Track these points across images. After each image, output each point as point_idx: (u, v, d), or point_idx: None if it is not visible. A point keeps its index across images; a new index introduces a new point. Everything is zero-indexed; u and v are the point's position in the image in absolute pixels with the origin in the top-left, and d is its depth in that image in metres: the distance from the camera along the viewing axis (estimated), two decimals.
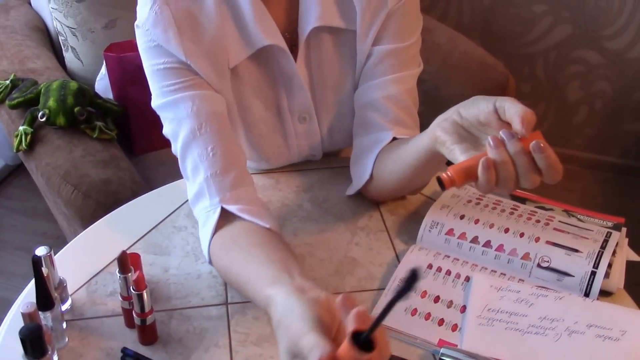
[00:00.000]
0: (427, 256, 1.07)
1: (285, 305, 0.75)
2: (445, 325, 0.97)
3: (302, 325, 0.69)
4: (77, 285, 1.02)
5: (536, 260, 1.04)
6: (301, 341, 0.68)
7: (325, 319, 0.71)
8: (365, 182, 1.12)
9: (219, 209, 0.98)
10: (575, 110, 2.58)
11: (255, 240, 0.95)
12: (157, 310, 0.98)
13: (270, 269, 0.86)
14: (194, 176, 1.01)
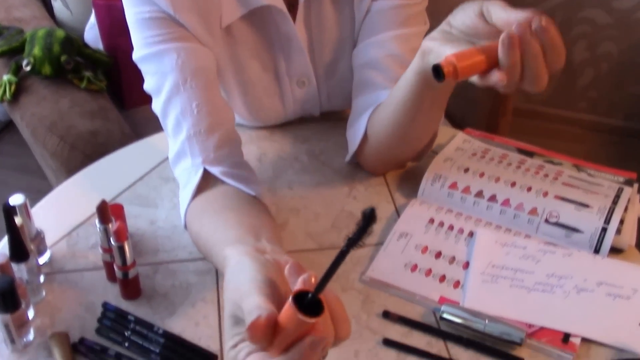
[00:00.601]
0: (429, 210, 1.00)
1: (238, 266, 0.65)
2: (446, 281, 0.91)
3: (249, 287, 0.60)
4: (57, 237, 0.95)
5: (544, 215, 0.97)
6: (243, 303, 0.58)
7: (280, 285, 0.61)
8: (359, 141, 1.04)
9: (201, 170, 0.90)
10: (581, 73, 2.50)
11: (232, 204, 0.86)
12: (141, 264, 0.91)
13: (236, 231, 0.78)
14: (175, 134, 0.92)
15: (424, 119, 0.97)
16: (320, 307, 0.54)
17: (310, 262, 0.93)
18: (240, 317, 0.58)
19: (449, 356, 0.83)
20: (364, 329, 0.85)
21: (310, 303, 0.54)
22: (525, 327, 0.85)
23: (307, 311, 0.53)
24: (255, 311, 0.55)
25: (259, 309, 0.56)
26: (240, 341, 0.58)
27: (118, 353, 0.81)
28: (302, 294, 0.54)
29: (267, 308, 0.56)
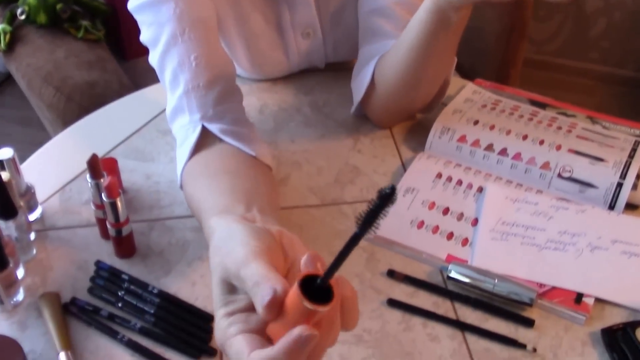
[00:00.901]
0: (437, 164, 0.95)
1: (226, 232, 0.60)
2: (454, 239, 0.86)
3: (244, 252, 0.54)
4: (49, 193, 0.91)
5: (557, 169, 0.92)
6: (243, 271, 0.52)
7: (275, 253, 0.56)
8: (365, 89, 0.98)
9: (199, 127, 0.84)
10: (593, 22, 2.42)
11: (229, 167, 0.80)
12: (136, 221, 0.87)
13: (226, 198, 0.72)
14: (172, 88, 0.86)
15: (435, 63, 0.92)
16: (330, 294, 0.48)
17: (312, 218, 0.89)
18: (235, 284, 0.54)
19: (456, 317, 0.79)
20: (368, 288, 0.81)
21: (318, 289, 0.48)
22: (536, 286, 0.80)
23: (315, 297, 0.48)
24: (264, 282, 0.50)
25: (267, 279, 0.50)
26: (237, 311, 0.53)
27: (111, 314, 0.77)
28: (309, 278, 0.48)
29: (278, 279, 0.50)
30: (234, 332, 0.52)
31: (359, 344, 0.76)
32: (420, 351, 0.75)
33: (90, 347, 0.75)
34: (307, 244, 0.86)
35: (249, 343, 0.51)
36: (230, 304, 0.54)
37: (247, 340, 0.51)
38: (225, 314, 0.53)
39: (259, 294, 0.50)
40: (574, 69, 2.52)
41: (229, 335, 0.52)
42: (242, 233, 0.57)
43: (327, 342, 0.52)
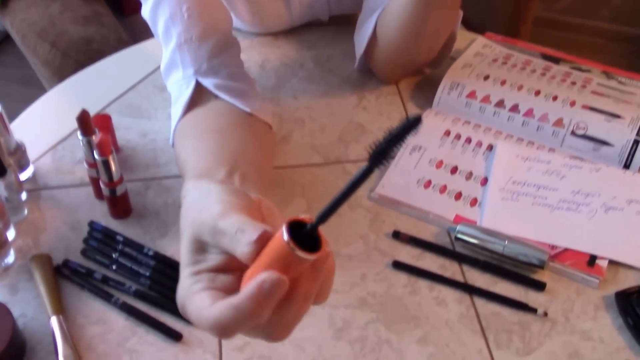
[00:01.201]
0: (445, 122, 0.90)
1: (200, 192, 0.56)
2: (463, 199, 0.82)
3: (222, 206, 0.51)
4: (41, 151, 0.87)
5: (570, 126, 0.87)
6: (222, 222, 0.48)
7: (254, 214, 0.52)
8: (367, 42, 0.93)
9: (193, 82, 0.78)
10: None
11: (219, 125, 0.75)
12: (132, 180, 0.83)
13: (209, 161, 0.67)
14: (165, 42, 0.81)
15: (436, 15, 0.87)
16: (318, 243, 0.43)
17: (314, 177, 0.84)
18: (208, 241, 0.49)
19: (464, 280, 0.75)
20: (373, 250, 0.77)
21: (305, 237, 0.43)
22: (547, 248, 0.76)
23: (302, 244, 0.42)
24: (249, 226, 0.46)
25: (252, 224, 0.46)
26: (204, 270, 0.49)
27: (105, 276, 0.73)
28: (295, 225, 0.43)
29: (260, 224, 0.46)
30: (198, 289, 0.48)
31: (362, 307, 0.72)
32: (427, 315, 0.72)
33: (83, 311, 0.71)
34: (310, 204, 0.83)
35: (212, 297, 0.47)
36: (198, 263, 0.50)
37: (210, 295, 0.47)
38: (191, 272, 0.49)
39: (246, 235, 0.45)
40: (583, 27, 2.45)
41: (192, 292, 0.48)
42: (218, 192, 0.53)
43: (305, 303, 0.47)
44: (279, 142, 0.88)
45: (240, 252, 0.46)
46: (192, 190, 0.57)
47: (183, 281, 0.49)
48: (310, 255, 0.42)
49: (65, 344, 0.67)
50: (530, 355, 0.69)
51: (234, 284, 0.48)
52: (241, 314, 0.44)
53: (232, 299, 0.44)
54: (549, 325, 0.71)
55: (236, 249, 0.46)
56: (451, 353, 0.69)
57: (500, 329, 0.71)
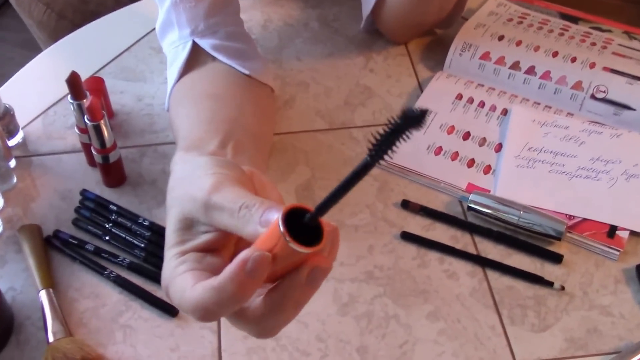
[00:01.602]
0: (457, 85, 0.86)
1: (189, 165, 0.52)
2: (475, 166, 0.78)
3: (214, 178, 0.46)
4: (32, 116, 0.82)
5: (590, 90, 0.82)
6: (216, 196, 0.44)
7: (247, 186, 0.48)
8: (375, 0, 0.88)
9: (189, 43, 0.73)
10: None
11: (215, 90, 0.70)
12: (126, 146, 0.79)
13: (202, 130, 0.62)
14: (160, 0, 0.76)
15: None
16: (319, 234, 0.39)
17: (319, 143, 0.80)
18: (197, 219, 0.45)
19: (476, 252, 0.71)
20: (380, 221, 0.73)
21: (304, 226, 0.39)
22: (565, 219, 0.72)
23: (299, 236, 0.39)
24: (254, 202, 0.42)
25: (258, 200, 0.42)
26: (190, 250, 0.45)
27: (97, 248, 0.70)
28: (294, 212, 0.39)
29: (267, 201, 0.43)
30: (183, 270, 0.44)
31: (369, 281, 0.68)
32: (437, 289, 0.68)
33: (74, 284, 0.68)
34: (314, 172, 0.79)
35: (195, 277, 0.43)
36: (185, 243, 0.46)
37: (193, 276, 0.43)
38: (177, 253, 0.46)
39: (256, 213, 0.42)
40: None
41: (176, 273, 0.44)
42: (207, 163, 0.49)
43: (295, 310, 0.43)
44: (281, 107, 0.84)
45: (253, 230, 0.42)
46: (180, 163, 0.53)
47: (168, 262, 0.46)
48: (305, 249, 0.39)
49: (55, 319, 0.64)
50: (546, 332, 0.65)
51: (221, 265, 0.44)
52: (223, 295, 0.40)
53: (212, 280, 0.41)
54: (566, 300, 0.67)
55: (244, 227, 0.42)
56: (462, 329, 0.65)
57: (514, 304, 0.67)
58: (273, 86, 0.75)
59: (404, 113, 0.32)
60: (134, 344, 0.64)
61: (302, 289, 0.42)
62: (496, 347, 0.64)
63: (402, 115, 0.32)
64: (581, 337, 0.65)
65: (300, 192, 0.75)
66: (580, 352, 0.64)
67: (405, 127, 0.33)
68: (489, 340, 0.65)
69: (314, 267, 0.41)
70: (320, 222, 0.39)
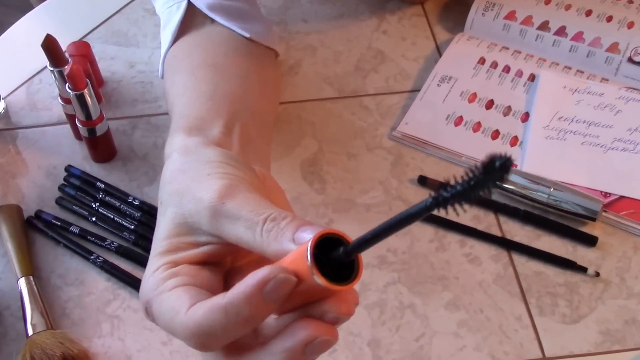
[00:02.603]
0: (479, 47, 0.78)
1: (192, 156, 0.45)
2: (500, 138, 0.71)
3: (222, 183, 0.39)
4: (14, 85, 0.76)
5: (627, 52, 0.75)
6: (230, 203, 0.37)
7: (259, 192, 0.41)
8: None
9: (184, 3, 0.66)
10: None
11: (215, 57, 0.62)
12: (116, 118, 0.73)
13: (203, 107, 0.54)
14: None
15: None
16: (354, 271, 0.33)
17: (327, 113, 0.73)
18: (200, 226, 0.39)
19: (501, 233, 0.65)
20: (395, 199, 0.67)
21: (337, 260, 0.33)
22: (600, 196, 0.65)
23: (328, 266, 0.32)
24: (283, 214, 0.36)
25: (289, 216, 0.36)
26: (185, 261, 0.39)
27: (83, 230, 0.64)
28: (326, 240, 0.33)
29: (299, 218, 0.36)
30: (173, 284, 0.37)
31: (382, 266, 0.62)
32: (457, 275, 0.62)
33: (57, 271, 0.62)
34: (321, 145, 0.72)
35: (191, 296, 0.36)
36: (178, 252, 0.39)
37: (188, 293, 0.36)
38: (167, 262, 0.39)
39: (288, 229, 0.35)
40: None
41: (164, 288, 0.37)
42: (218, 158, 0.42)
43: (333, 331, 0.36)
44: (285, 73, 0.77)
45: (281, 248, 0.35)
46: (180, 151, 0.46)
47: (153, 273, 0.39)
48: (333, 286, 0.32)
49: (35, 309, 0.58)
50: (579, 323, 0.59)
51: (218, 283, 0.38)
52: (233, 319, 0.33)
53: (218, 299, 0.34)
54: (601, 288, 0.61)
55: (270, 244, 0.35)
56: (485, 320, 0.59)
57: (543, 292, 0.61)
58: (277, 50, 0.68)
59: (488, 164, 0.26)
60: (122, 337, 0.59)
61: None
62: (523, 341, 0.58)
63: (483, 166, 0.26)
64: (618, 329, 0.59)
65: (307, 167, 0.69)
66: (617, 346, 0.58)
67: (487, 181, 0.26)
68: (515, 332, 0.58)
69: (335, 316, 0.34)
70: (358, 260, 0.33)
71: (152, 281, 0.38)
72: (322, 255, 0.32)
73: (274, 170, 0.55)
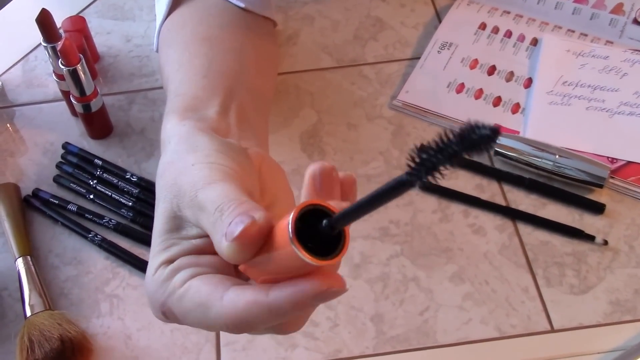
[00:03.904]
0: (479, 12, 0.73)
1: (184, 144, 0.40)
2: (503, 105, 0.66)
3: (207, 170, 0.36)
4: (10, 62, 0.71)
5: (632, 13, 0.69)
6: (202, 193, 0.34)
7: (249, 180, 0.37)
8: None
9: None
10: None
11: (209, 29, 0.57)
12: (113, 93, 0.68)
13: (197, 86, 0.49)
14: None
15: None
16: (340, 244, 0.28)
17: (326, 83, 0.68)
18: (186, 217, 0.35)
19: (505, 203, 0.60)
20: (395, 169, 0.62)
21: (323, 233, 0.28)
22: (606, 162, 0.60)
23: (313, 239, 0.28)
24: (233, 206, 0.31)
25: (239, 202, 0.31)
26: (180, 254, 0.35)
27: (80, 208, 0.59)
28: (310, 211, 0.28)
29: (255, 206, 0.31)
30: (182, 278, 0.33)
31: (384, 238, 0.58)
32: (461, 246, 0.57)
33: (56, 249, 0.58)
34: (320, 116, 0.67)
35: (216, 284, 0.32)
36: (171, 248, 0.35)
37: (210, 281, 0.32)
38: (163, 261, 0.34)
39: (224, 222, 0.31)
40: None
41: (173, 288, 0.33)
42: (207, 146, 0.38)
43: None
44: (283, 44, 0.72)
45: (219, 244, 0.31)
46: (175, 137, 0.41)
47: (156, 276, 0.35)
48: (318, 262, 0.28)
49: (33, 290, 0.54)
50: (588, 294, 0.54)
51: (223, 264, 0.34)
52: (275, 316, 0.30)
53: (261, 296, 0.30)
54: (609, 256, 0.56)
55: (213, 236, 0.32)
56: (491, 292, 0.55)
57: (550, 262, 0.56)
58: (275, 19, 0.63)
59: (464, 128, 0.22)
60: (122, 316, 0.54)
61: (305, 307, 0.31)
62: (530, 313, 0.53)
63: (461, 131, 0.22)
64: (628, 298, 0.54)
65: (306, 139, 0.64)
66: (628, 316, 0.53)
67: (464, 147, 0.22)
68: (522, 304, 0.54)
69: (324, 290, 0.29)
70: (345, 232, 0.29)
71: (157, 284, 0.34)
72: (309, 228, 0.28)
73: (273, 142, 0.50)
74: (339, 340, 0.53)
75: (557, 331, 0.53)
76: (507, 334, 0.53)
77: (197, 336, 0.53)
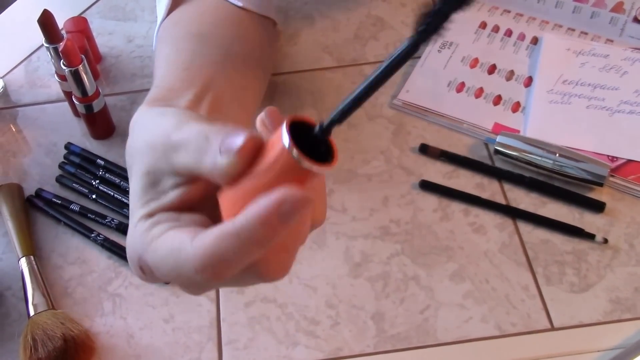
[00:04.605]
0: (480, 11, 0.73)
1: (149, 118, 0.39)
2: (503, 104, 0.65)
3: (175, 120, 0.36)
4: (13, 63, 0.71)
5: (632, 12, 0.69)
6: (176, 133, 0.33)
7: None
8: None
9: None
10: None
11: (201, 26, 0.57)
12: (115, 93, 0.68)
13: (177, 77, 0.49)
14: None
15: None
16: (330, 152, 0.29)
17: (327, 82, 0.68)
18: (161, 168, 0.34)
19: (505, 201, 0.60)
20: (396, 168, 0.62)
21: (310, 145, 0.28)
22: (607, 161, 0.60)
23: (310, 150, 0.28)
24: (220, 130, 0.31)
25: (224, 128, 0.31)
26: (160, 209, 0.34)
27: (83, 208, 0.59)
28: (298, 125, 0.29)
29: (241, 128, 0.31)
30: (161, 230, 0.33)
31: (384, 237, 0.58)
32: (461, 245, 0.57)
33: (59, 249, 0.58)
34: (322, 115, 0.67)
35: (189, 231, 0.31)
36: (150, 202, 0.35)
37: (183, 231, 0.32)
38: (143, 215, 0.34)
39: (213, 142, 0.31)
40: None
41: (151, 238, 0.33)
42: (174, 112, 0.37)
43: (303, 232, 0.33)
44: (284, 43, 0.72)
45: (213, 163, 0.31)
46: (141, 118, 0.40)
47: (134, 229, 0.34)
48: (321, 168, 0.28)
49: (36, 289, 0.54)
50: (588, 292, 0.54)
51: (205, 222, 0.33)
52: (246, 243, 0.29)
53: (227, 226, 0.29)
54: (609, 255, 0.56)
55: (201, 160, 0.31)
56: (491, 290, 0.55)
57: (550, 261, 0.56)
58: (276, 19, 0.63)
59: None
60: (124, 315, 0.54)
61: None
62: (530, 311, 0.53)
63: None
64: (628, 297, 0.54)
65: None
66: (628, 315, 0.53)
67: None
68: (522, 303, 0.54)
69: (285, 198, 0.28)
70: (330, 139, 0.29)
71: (137, 236, 0.34)
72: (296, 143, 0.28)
73: None
74: (340, 338, 0.53)
75: (557, 329, 0.52)
76: (507, 332, 0.53)
77: (199, 335, 0.53)
